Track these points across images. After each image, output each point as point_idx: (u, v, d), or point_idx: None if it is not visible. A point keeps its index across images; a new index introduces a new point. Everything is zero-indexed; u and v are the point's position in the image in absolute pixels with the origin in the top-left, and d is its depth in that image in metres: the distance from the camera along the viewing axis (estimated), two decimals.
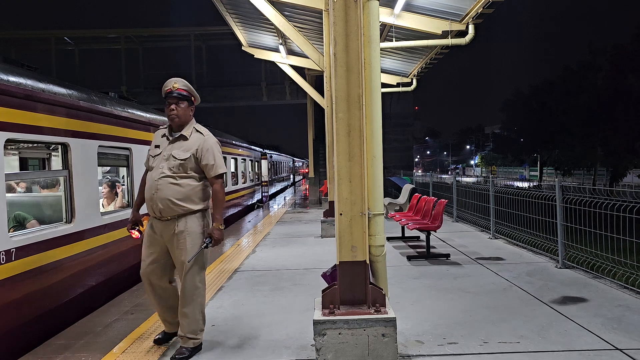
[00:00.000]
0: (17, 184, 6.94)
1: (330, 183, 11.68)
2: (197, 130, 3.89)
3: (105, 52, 31.93)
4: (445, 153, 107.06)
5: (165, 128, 3.95)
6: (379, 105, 4.09)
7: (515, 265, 6.88)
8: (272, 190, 26.94)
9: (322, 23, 10.91)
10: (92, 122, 6.31)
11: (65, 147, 5.70)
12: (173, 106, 3.82)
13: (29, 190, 6.94)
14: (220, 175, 3.90)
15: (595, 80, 30.76)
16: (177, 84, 3.85)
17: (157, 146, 3.90)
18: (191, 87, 3.91)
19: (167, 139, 3.87)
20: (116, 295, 6.04)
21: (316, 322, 3.47)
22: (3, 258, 4.49)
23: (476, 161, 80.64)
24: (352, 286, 3.65)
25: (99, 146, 6.41)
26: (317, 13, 11.33)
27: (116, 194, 7.68)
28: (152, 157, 3.89)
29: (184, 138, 3.85)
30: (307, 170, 41.79)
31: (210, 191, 3.95)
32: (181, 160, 3.77)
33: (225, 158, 14.27)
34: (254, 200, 19.95)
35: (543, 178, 42.60)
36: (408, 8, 10.24)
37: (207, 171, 3.84)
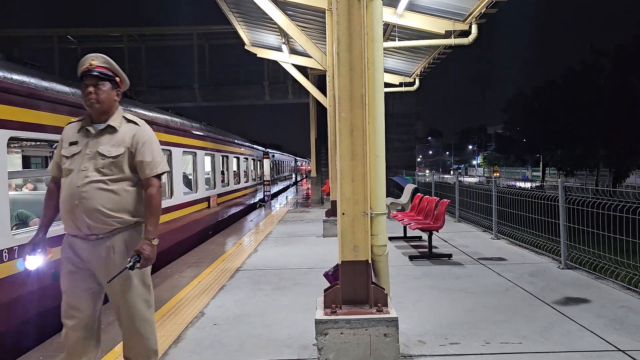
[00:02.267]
0: (24, 184, 6.96)
1: (332, 182, 11.68)
2: (129, 120, 3.09)
3: (108, 51, 31.74)
4: (447, 153, 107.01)
5: (80, 120, 3.11)
6: (381, 104, 4.09)
7: (517, 265, 6.87)
8: (274, 189, 26.95)
9: (325, 22, 10.91)
10: None
11: None
12: (91, 88, 2.95)
13: (34, 188, 6.95)
14: (159, 176, 3.07)
15: (598, 80, 30.72)
16: (95, 60, 2.99)
17: (72, 143, 3.02)
18: (115, 65, 3.08)
19: (88, 132, 3.02)
20: None
21: (318, 322, 3.47)
22: (6, 256, 4.50)
23: (478, 161, 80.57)
24: (354, 286, 3.65)
25: None
26: (320, 12, 11.32)
27: None
28: (67, 157, 2.99)
29: (112, 129, 3.02)
30: (308, 168, 41.78)
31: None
32: (113, 157, 2.95)
33: (227, 157, 14.30)
34: (256, 200, 19.96)
35: (546, 178, 42.54)
36: (411, 8, 10.22)
37: (141, 169, 3.01)
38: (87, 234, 2.90)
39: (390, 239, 8.99)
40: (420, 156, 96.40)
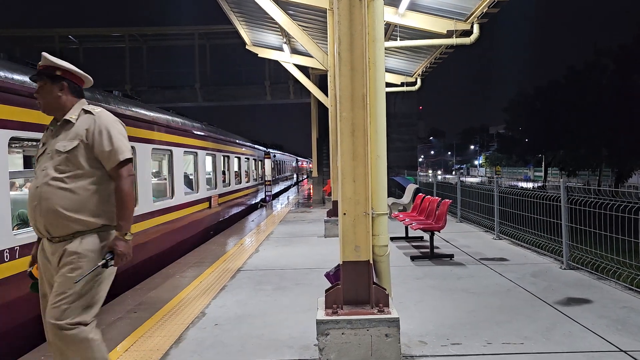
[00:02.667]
0: (25, 184, 6.95)
1: (334, 182, 11.68)
2: (87, 111, 2.87)
3: (109, 51, 32.10)
4: (449, 153, 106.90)
5: None
6: (383, 104, 4.07)
7: (519, 266, 6.85)
8: (276, 189, 26.95)
9: (326, 22, 10.90)
10: None
11: None
12: (36, 93, 2.88)
13: None
14: (124, 164, 2.81)
15: (600, 80, 30.67)
16: (40, 62, 2.87)
17: (43, 145, 2.93)
18: (53, 59, 2.86)
19: (51, 132, 2.91)
20: (118, 295, 6.04)
21: (319, 322, 3.46)
22: (7, 256, 4.50)
23: (480, 161, 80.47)
24: (355, 286, 3.64)
25: None
26: (322, 12, 11.32)
27: None
28: (36, 160, 2.91)
29: (69, 124, 2.83)
30: (310, 167, 41.75)
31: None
32: (67, 152, 2.74)
33: (228, 157, 14.29)
34: (257, 200, 19.96)
35: (548, 179, 42.46)
36: (413, 7, 10.22)
37: (104, 161, 2.79)
38: (49, 236, 2.75)
39: (392, 239, 8.98)
40: (422, 156, 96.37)
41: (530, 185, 34.80)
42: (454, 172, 65.36)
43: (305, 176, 54.87)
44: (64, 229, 2.71)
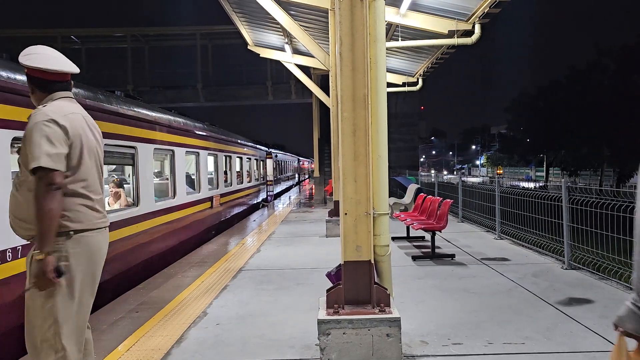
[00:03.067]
0: None
1: (335, 182, 11.67)
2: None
3: (111, 51, 32.16)
4: (450, 153, 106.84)
5: None
6: (384, 104, 4.08)
7: (520, 266, 6.85)
8: (277, 189, 26.97)
9: (328, 22, 10.91)
10: (98, 120, 6.32)
11: None
12: None
13: None
14: (40, 172, 2.45)
15: (602, 80, 30.64)
16: None
17: None
18: (22, 58, 2.75)
19: None
20: (118, 295, 6.05)
21: (320, 322, 3.47)
22: (9, 255, 4.52)
23: (482, 161, 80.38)
24: (356, 286, 3.65)
25: (105, 145, 6.42)
26: (323, 12, 11.32)
27: (119, 194, 7.70)
28: None
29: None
30: (311, 167, 41.75)
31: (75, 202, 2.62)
32: (17, 157, 2.65)
33: (230, 157, 14.30)
34: (259, 200, 19.98)
35: (549, 178, 42.39)
36: (414, 7, 10.21)
37: None
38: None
39: (393, 239, 8.98)
40: (424, 156, 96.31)
41: (531, 185, 34.76)
42: (455, 172, 65.27)
43: (306, 176, 54.92)
44: (19, 233, 2.68)
